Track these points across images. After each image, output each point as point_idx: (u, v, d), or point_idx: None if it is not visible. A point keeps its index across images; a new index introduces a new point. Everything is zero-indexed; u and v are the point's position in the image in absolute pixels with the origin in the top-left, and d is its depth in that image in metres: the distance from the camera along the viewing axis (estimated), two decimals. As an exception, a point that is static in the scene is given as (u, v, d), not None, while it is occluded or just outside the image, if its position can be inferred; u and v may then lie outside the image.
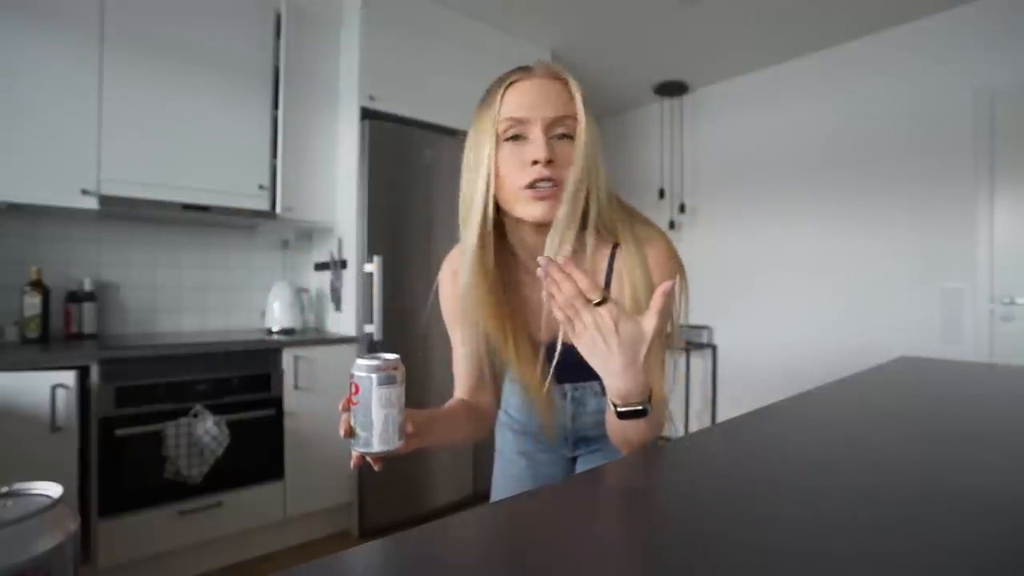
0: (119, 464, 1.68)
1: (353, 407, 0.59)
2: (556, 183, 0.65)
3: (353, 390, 0.59)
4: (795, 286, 3.05)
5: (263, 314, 2.41)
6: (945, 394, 0.97)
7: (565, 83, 0.68)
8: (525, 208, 0.67)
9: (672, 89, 3.53)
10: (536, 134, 0.65)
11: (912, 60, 2.66)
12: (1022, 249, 2.37)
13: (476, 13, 2.63)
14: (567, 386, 0.86)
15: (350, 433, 0.59)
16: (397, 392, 0.59)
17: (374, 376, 0.58)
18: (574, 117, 0.66)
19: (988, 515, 0.42)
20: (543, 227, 0.68)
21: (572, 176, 0.65)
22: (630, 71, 3.33)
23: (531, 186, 0.65)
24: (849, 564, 0.35)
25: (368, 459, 0.61)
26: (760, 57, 3.13)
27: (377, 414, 0.58)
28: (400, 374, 0.60)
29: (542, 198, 0.65)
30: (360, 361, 0.59)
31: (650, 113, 3.84)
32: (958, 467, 0.55)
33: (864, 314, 2.80)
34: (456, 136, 2.53)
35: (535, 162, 0.64)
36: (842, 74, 2.91)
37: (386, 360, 0.60)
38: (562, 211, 0.66)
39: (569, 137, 0.66)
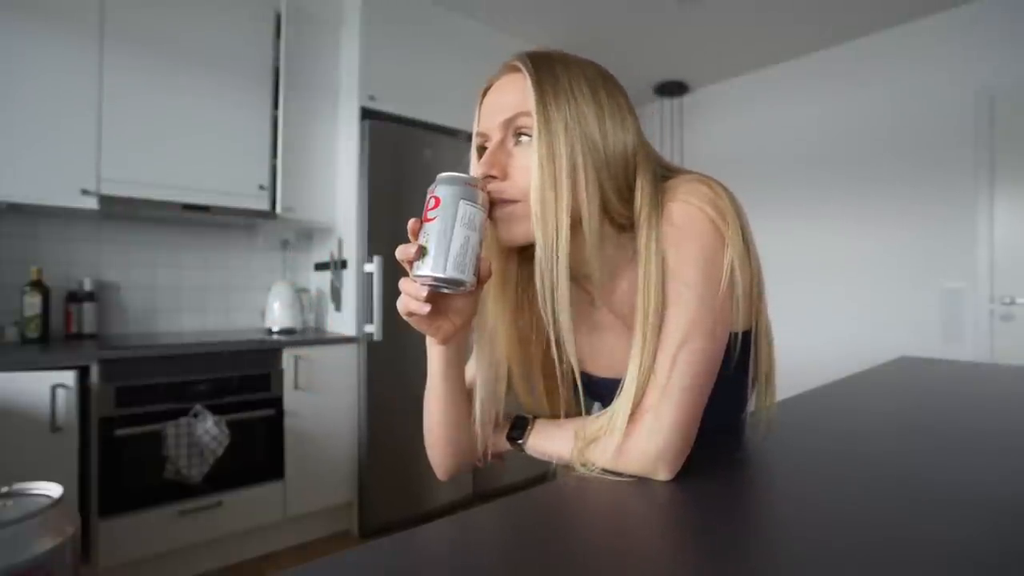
0: (119, 464, 1.68)
1: (427, 224, 0.49)
2: (511, 200, 0.54)
3: (431, 204, 0.49)
4: (795, 286, 3.05)
5: (263, 314, 2.41)
6: (945, 394, 0.97)
7: (523, 73, 0.55)
8: (495, 231, 0.57)
9: (672, 89, 3.53)
10: (490, 145, 0.56)
11: (912, 60, 2.66)
12: (1022, 249, 2.37)
13: (476, 13, 2.63)
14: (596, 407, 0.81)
15: (419, 254, 0.49)
16: (481, 218, 0.50)
17: (459, 188, 0.49)
18: (529, 114, 0.53)
19: (987, 514, 0.42)
20: (528, 251, 0.58)
21: (533, 194, 0.51)
22: (630, 71, 3.33)
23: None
24: (847, 562, 0.35)
25: (430, 291, 0.50)
26: (760, 57, 3.13)
27: (457, 233, 0.48)
28: (484, 199, 0.51)
29: (494, 219, 0.55)
30: (443, 174, 0.50)
31: (650, 113, 3.84)
32: (958, 467, 0.55)
33: (864, 314, 2.80)
34: (456, 136, 2.53)
35: None
36: (842, 74, 2.91)
37: (473, 176, 0.51)
38: (538, 249, 0.52)
39: (531, 138, 0.53)
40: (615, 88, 0.57)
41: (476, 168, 0.59)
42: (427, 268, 0.48)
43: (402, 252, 0.50)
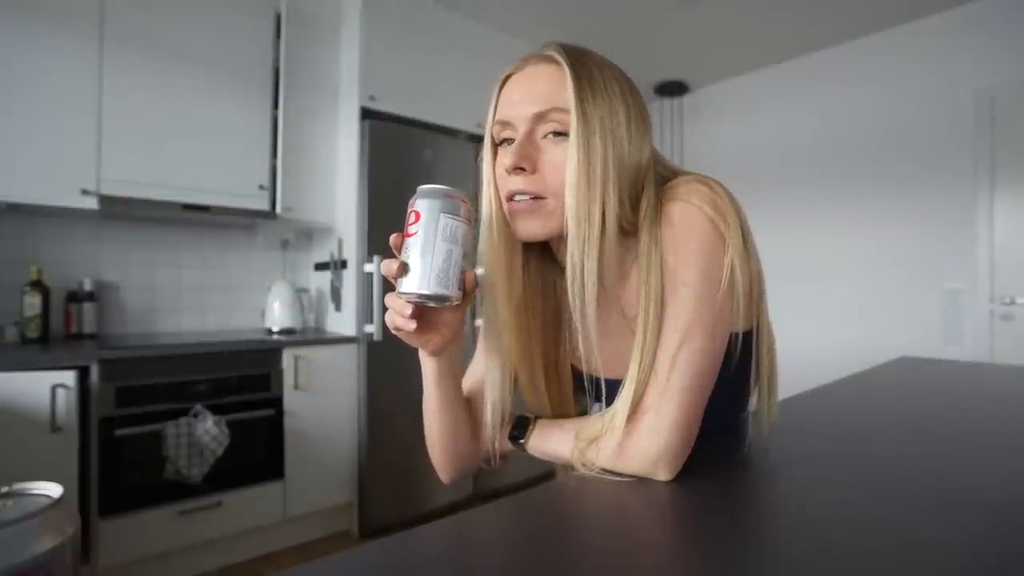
0: (119, 464, 1.68)
1: (407, 240, 0.49)
2: (538, 195, 0.53)
3: (411, 219, 0.49)
4: (795, 287, 3.05)
5: (263, 314, 2.41)
6: (945, 394, 0.97)
7: (560, 66, 0.54)
8: (512, 225, 0.56)
9: (672, 89, 3.53)
10: (517, 136, 0.54)
11: (912, 60, 2.66)
12: (1022, 249, 2.37)
13: (476, 13, 2.63)
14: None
15: (402, 271, 0.49)
16: (464, 230, 0.50)
17: (438, 202, 0.49)
18: (565, 110, 0.52)
19: (988, 514, 0.42)
20: (547, 244, 0.59)
21: (569, 191, 0.51)
22: (630, 71, 3.21)
23: (510, 199, 0.55)
24: (847, 564, 0.35)
25: (415, 307, 0.51)
26: (760, 57, 3.13)
27: (439, 248, 0.48)
28: (467, 211, 0.50)
29: (516, 212, 0.55)
30: (422, 187, 0.49)
31: (650, 113, 3.84)
32: (958, 467, 0.55)
33: (864, 314, 2.80)
34: (456, 136, 2.53)
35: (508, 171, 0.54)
36: (842, 74, 2.91)
37: (454, 188, 0.50)
38: (570, 243, 0.52)
39: (564, 134, 0.53)
40: (635, 90, 0.58)
41: (490, 159, 0.58)
42: (411, 285, 0.48)
43: (386, 268, 0.50)
